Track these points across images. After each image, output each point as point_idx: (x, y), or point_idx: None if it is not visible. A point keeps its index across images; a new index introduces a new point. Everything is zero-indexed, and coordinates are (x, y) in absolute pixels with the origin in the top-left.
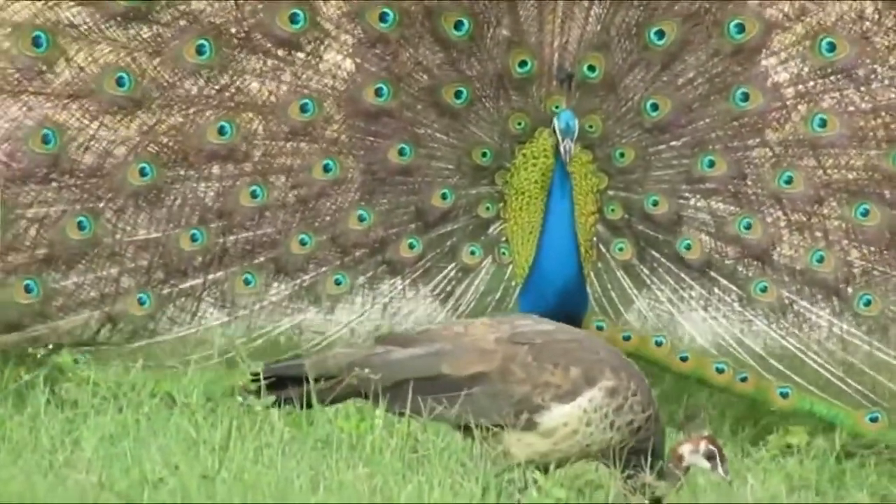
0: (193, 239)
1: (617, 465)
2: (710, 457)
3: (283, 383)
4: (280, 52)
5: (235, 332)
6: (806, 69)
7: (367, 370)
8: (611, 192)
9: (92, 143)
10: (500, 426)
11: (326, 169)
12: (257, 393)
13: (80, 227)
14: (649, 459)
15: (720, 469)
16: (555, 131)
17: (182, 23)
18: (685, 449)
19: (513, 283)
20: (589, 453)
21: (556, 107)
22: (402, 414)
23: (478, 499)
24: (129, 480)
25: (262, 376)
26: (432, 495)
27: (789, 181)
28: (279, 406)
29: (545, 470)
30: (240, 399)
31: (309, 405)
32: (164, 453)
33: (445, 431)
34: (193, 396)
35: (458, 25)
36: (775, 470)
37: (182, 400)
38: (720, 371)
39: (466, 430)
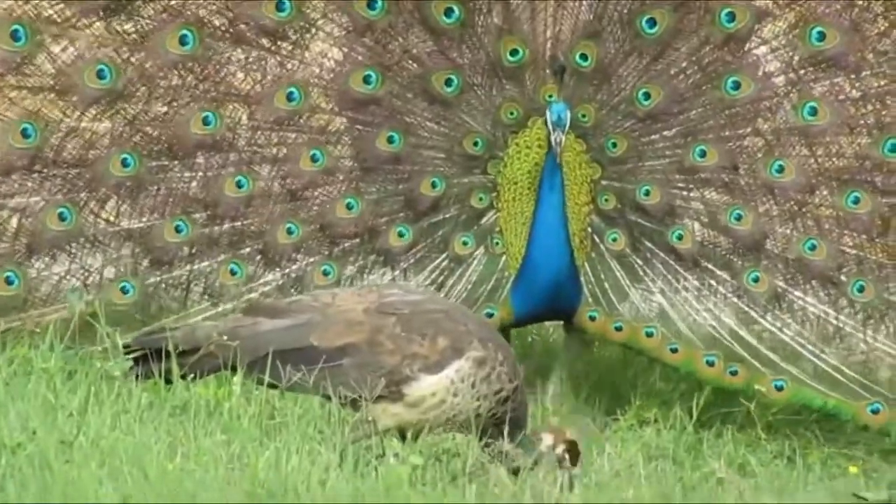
0: (178, 230)
1: (481, 434)
2: (560, 460)
3: (150, 355)
4: (265, 42)
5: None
6: (796, 58)
7: (235, 341)
8: (604, 182)
9: (74, 135)
10: (367, 397)
11: (314, 159)
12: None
13: (61, 217)
14: (511, 429)
15: (574, 468)
16: (546, 123)
17: (164, 16)
18: (546, 438)
19: (505, 274)
20: (456, 422)
21: (550, 96)
22: (273, 386)
23: (335, 465)
24: None
25: (129, 348)
26: (290, 462)
27: (781, 170)
28: (136, 379)
29: (403, 437)
30: (98, 365)
31: (169, 380)
32: (21, 418)
33: (303, 399)
34: (52, 361)
35: (448, 12)
36: (632, 440)
37: (40, 365)
38: (710, 363)
39: (332, 398)
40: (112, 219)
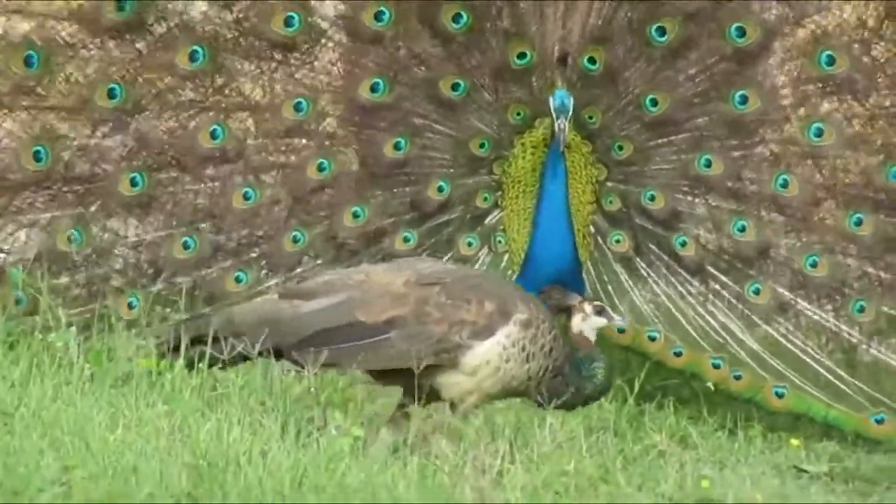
0: (185, 247)
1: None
2: (600, 311)
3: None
4: (275, 54)
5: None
6: (804, 76)
7: (279, 325)
8: (609, 184)
9: (84, 152)
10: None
11: (321, 168)
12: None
13: (70, 240)
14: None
15: (615, 316)
16: (550, 110)
17: (176, 33)
18: (576, 322)
19: (509, 273)
20: (511, 386)
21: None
22: (328, 366)
23: (277, 437)
24: None
25: (169, 337)
26: (231, 433)
27: (785, 184)
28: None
29: (344, 408)
30: (39, 336)
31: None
32: None
33: (245, 370)
34: None
35: (456, 18)
36: (574, 412)
37: None
38: (716, 367)
39: (382, 374)
40: (120, 231)
